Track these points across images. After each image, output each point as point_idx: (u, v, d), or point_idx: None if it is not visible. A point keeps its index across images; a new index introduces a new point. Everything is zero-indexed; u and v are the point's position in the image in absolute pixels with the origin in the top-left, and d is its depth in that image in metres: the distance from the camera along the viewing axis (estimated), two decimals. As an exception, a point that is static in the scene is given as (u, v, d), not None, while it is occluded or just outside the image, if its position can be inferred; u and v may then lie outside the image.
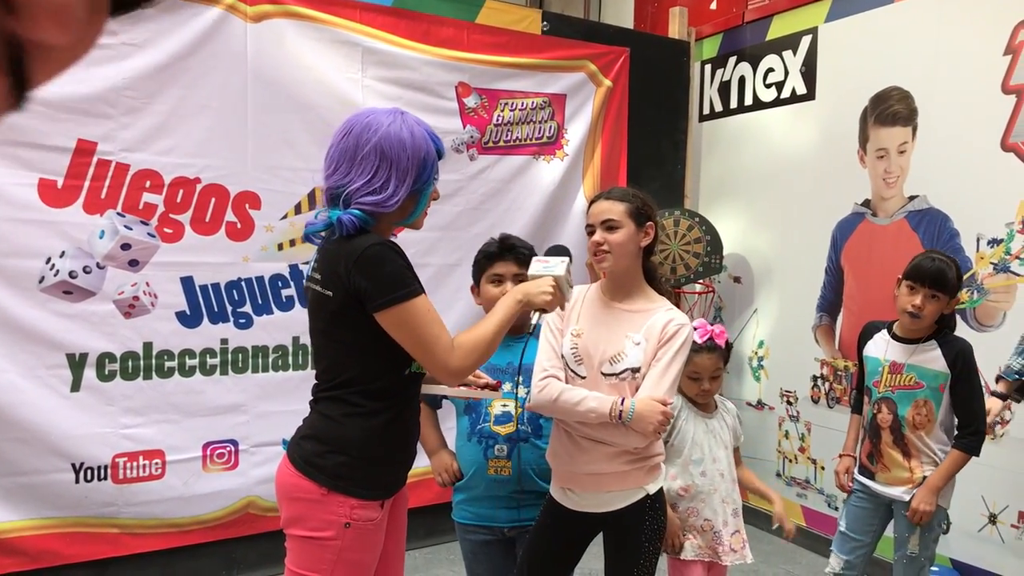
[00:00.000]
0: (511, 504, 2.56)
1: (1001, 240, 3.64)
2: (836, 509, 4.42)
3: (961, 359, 2.83)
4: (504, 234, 2.68)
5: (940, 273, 2.80)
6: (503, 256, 2.59)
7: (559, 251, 2.25)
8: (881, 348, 2.97)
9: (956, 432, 2.87)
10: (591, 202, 2.44)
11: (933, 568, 3.76)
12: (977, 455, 2.87)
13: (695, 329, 2.75)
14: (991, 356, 3.64)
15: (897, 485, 2.93)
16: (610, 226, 2.32)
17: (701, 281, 5.12)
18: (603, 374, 2.32)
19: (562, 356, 2.38)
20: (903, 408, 2.89)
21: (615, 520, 2.39)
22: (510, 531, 2.59)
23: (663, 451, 2.47)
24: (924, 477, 2.87)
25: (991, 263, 3.67)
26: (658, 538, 2.43)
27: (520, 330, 2.60)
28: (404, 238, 4.19)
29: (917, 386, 2.86)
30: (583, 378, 2.35)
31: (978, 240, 3.73)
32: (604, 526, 2.44)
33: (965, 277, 3.76)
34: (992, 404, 3.09)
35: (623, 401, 2.22)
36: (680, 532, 2.76)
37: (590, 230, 2.37)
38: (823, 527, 4.51)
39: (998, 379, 3.20)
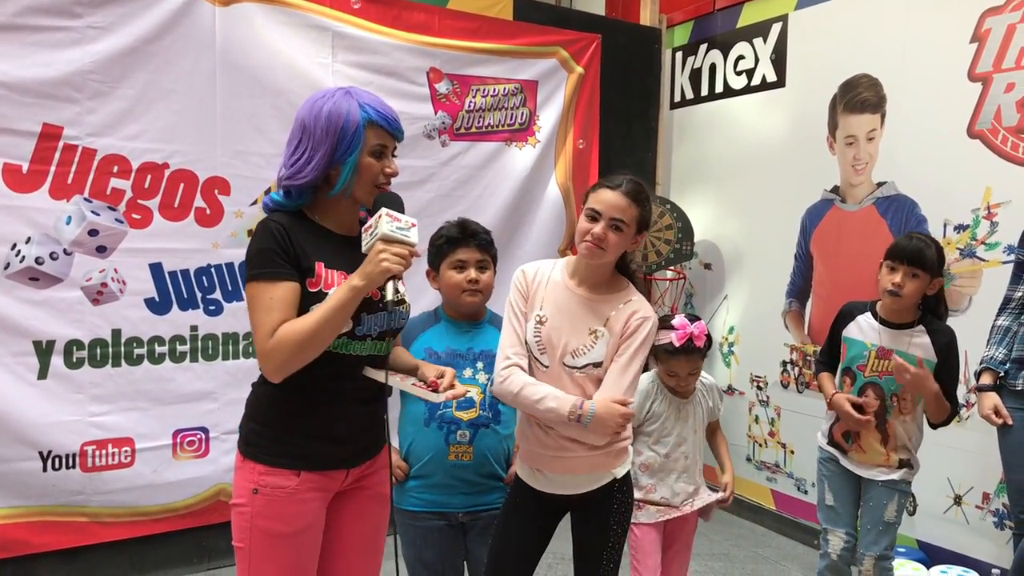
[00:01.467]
0: (469, 490, 2.55)
1: (967, 226, 3.69)
2: (805, 492, 4.47)
3: (948, 348, 2.86)
4: (463, 219, 2.63)
5: (918, 251, 2.83)
6: (466, 242, 2.55)
7: (388, 201, 1.98)
8: (866, 332, 2.97)
9: None
10: (605, 186, 2.29)
11: (899, 548, 3.83)
12: (946, 423, 2.90)
13: (675, 330, 2.76)
14: (960, 342, 3.69)
15: (871, 467, 2.95)
16: (617, 226, 2.23)
17: (672, 268, 5.14)
18: (565, 366, 2.28)
19: (525, 342, 2.33)
20: (889, 393, 2.89)
21: (583, 502, 2.39)
22: (464, 516, 2.57)
23: (630, 435, 2.45)
24: (899, 460, 2.91)
25: (957, 248, 3.72)
26: (626, 520, 2.43)
27: (478, 316, 2.62)
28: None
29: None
30: (546, 367, 2.30)
31: (945, 226, 3.77)
32: (572, 508, 2.43)
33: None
34: (986, 400, 3.08)
35: (582, 404, 2.20)
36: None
37: (593, 216, 2.25)
38: (792, 510, 4.56)
39: (982, 371, 3.18)
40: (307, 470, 1.97)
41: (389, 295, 1.88)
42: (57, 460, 3.52)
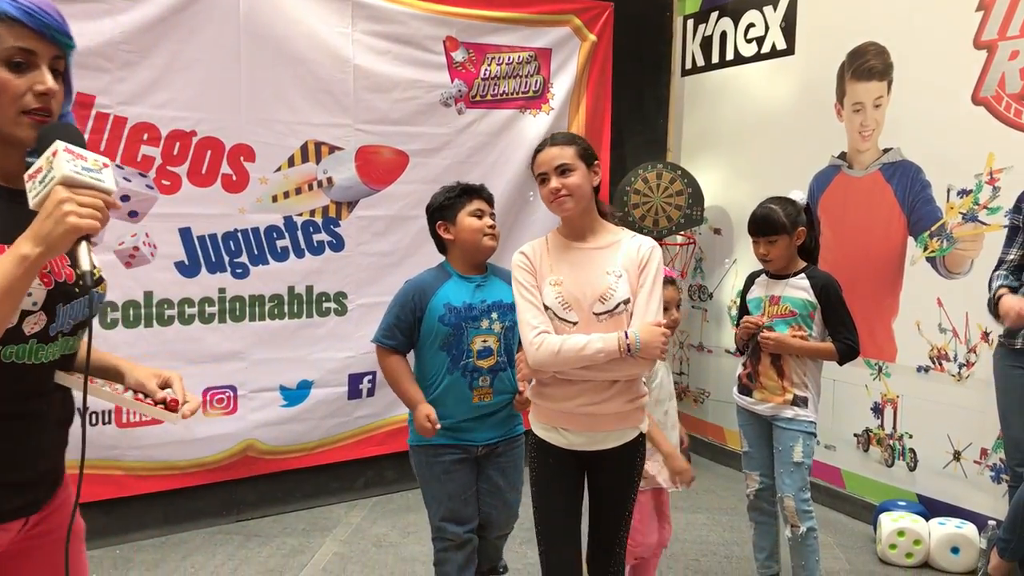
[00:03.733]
0: (489, 425, 2.80)
1: (970, 191, 3.79)
2: (810, 450, 4.62)
3: (826, 290, 3.12)
4: (460, 181, 2.89)
5: (764, 219, 3.15)
6: (480, 194, 2.82)
7: (64, 133, 1.36)
8: (761, 288, 3.27)
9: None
10: (537, 152, 2.46)
11: (900, 502, 3.99)
12: (840, 362, 3.14)
13: None
14: (959, 303, 3.83)
15: (771, 402, 3.18)
16: (564, 170, 2.37)
17: (683, 233, 5.26)
18: (596, 314, 2.35)
19: (547, 308, 2.39)
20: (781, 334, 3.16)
21: (609, 458, 2.44)
22: (481, 450, 2.81)
23: (647, 391, 2.53)
24: (794, 396, 3.13)
25: (960, 213, 3.83)
26: (641, 474, 2.52)
27: (483, 268, 2.83)
28: (393, 191, 4.33)
29: (791, 314, 3.14)
30: (574, 323, 2.36)
31: (948, 191, 3.88)
32: (597, 462, 2.46)
33: (935, 227, 3.93)
34: (1009, 300, 3.07)
35: (627, 334, 2.29)
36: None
37: (543, 178, 2.41)
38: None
39: (997, 297, 3.16)
40: None
41: (84, 264, 1.30)
42: (94, 416, 3.69)
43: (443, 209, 2.81)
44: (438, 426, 2.67)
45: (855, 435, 4.34)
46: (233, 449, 4.03)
